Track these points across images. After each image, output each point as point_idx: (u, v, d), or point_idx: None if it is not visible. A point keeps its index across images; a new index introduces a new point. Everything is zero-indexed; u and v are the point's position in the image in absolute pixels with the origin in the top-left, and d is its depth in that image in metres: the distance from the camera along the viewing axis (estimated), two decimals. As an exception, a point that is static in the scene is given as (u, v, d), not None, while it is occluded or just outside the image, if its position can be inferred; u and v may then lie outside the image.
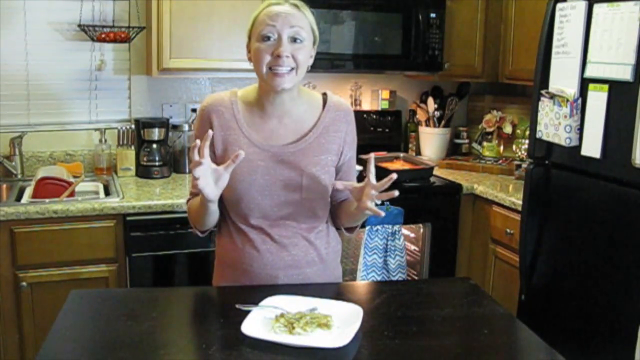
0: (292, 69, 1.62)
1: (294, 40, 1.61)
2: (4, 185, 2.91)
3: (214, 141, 1.69)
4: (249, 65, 1.69)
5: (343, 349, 1.33)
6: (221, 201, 1.73)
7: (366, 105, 3.63)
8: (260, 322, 1.44)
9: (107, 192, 2.83)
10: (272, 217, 1.71)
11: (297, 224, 1.73)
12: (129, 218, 2.56)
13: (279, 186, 1.68)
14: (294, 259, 1.73)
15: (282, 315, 1.46)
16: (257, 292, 1.53)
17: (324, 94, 1.79)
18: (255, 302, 1.51)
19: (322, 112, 1.75)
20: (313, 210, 1.73)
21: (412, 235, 3.27)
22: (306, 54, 1.64)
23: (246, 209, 1.70)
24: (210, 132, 1.53)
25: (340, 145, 1.75)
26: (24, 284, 2.47)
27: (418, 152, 3.66)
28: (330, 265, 1.82)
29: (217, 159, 1.70)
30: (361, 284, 2.35)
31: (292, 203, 1.69)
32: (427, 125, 3.60)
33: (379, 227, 2.86)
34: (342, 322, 1.45)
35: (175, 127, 3.20)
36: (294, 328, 1.41)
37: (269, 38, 1.61)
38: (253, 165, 1.67)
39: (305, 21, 1.64)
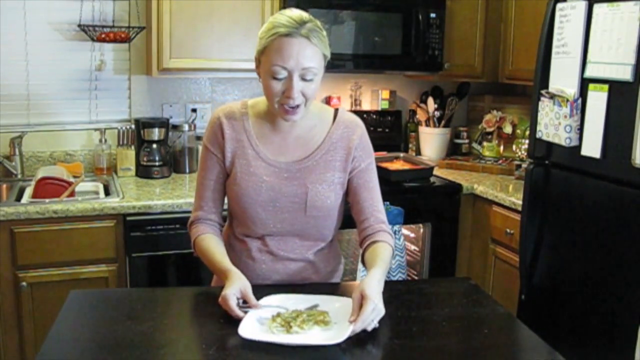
0: (301, 103, 1.59)
1: (304, 78, 1.57)
2: (4, 185, 2.91)
3: (224, 151, 1.69)
4: (248, 66, 1.69)
5: (343, 348, 1.33)
6: (232, 216, 1.75)
7: (366, 105, 3.63)
8: (256, 323, 1.43)
9: (107, 192, 2.83)
10: (274, 232, 1.70)
11: (300, 240, 1.72)
12: (129, 218, 2.56)
13: (283, 202, 1.67)
14: (288, 273, 1.73)
15: (278, 314, 1.46)
16: (256, 293, 1.53)
17: (336, 110, 1.77)
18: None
19: (332, 127, 1.73)
20: (317, 228, 1.72)
21: (412, 235, 3.27)
22: (316, 87, 1.60)
23: (249, 222, 1.70)
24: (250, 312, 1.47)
25: (348, 162, 1.71)
26: (24, 284, 2.47)
27: (418, 152, 3.66)
28: (328, 281, 1.80)
29: (225, 168, 1.71)
30: (361, 284, 2.34)
31: (295, 220, 1.69)
32: (427, 125, 3.60)
33: (379, 227, 2.86)
34: (340, 318, 1.44)
35: (175, 127, 3.20)
36: (291, 327, 1.41)
37: (279, 77, 1.56)
38: (258, 180, 1.67)
39: (317, 54, 1.57)
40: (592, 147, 2.29)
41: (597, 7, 2.25)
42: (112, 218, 2.56)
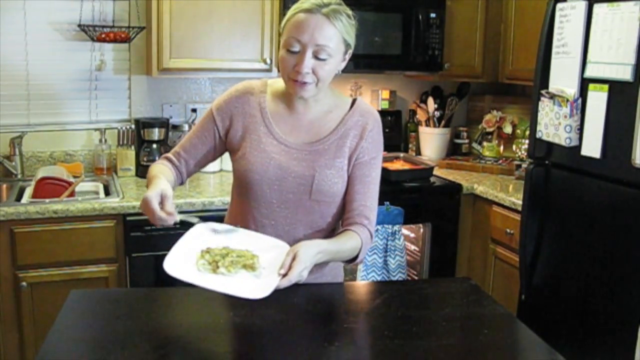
0: (312, 82, 1.60)
1: (317, 56, 1.58)
2: (4, 185, 2.91)
3: (229, 126, 1.71)
4: (248, 66, 1.69)
5: (340, 347, 1.33)
6: (235, 194, 1.75)
7: (366, 105, 3.62)
8: (183, 257, 1.44)
9: (107, 192, 2.83)
10: (277, 217, 1.68)
11: (301, 230, 1.69)
12: (129, 218, 2.56)
13: (289, 182, 1.66)
14: None
15: (207, 250, 1.46)
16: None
17: (355, 99, 1.79)
18: None
19: (347, 114, 1.74)
20: (321, 214, 1.70)
21: (412, 235, 3.27)
22: (329, 69, 1.62)
23: (253, 201, 1.69)
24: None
25: (355, 150, 1.71)
26: (24, 284, 2.47)
27: (418, 152, 3.66)
28: (329, 273, 1.78)
29: (226, 142, 1.73)
30: (361, 284, 2.34)
31: (300, 203, 1.67)
32: (427, 125, 3.60)
33: (379, 227, 2.86)
34: (268, 265, 1.45)
35: (175, 127, 3.20)
36: (217, 267, 1.41)
37: (293, 50, 1.58)
38: (267, 157, 1.67)
39: (334, 34, 1.58)
40: (592, 147, 2.30)
41: (597, 7, 2.25)
42: (112, 218, 2.56)
